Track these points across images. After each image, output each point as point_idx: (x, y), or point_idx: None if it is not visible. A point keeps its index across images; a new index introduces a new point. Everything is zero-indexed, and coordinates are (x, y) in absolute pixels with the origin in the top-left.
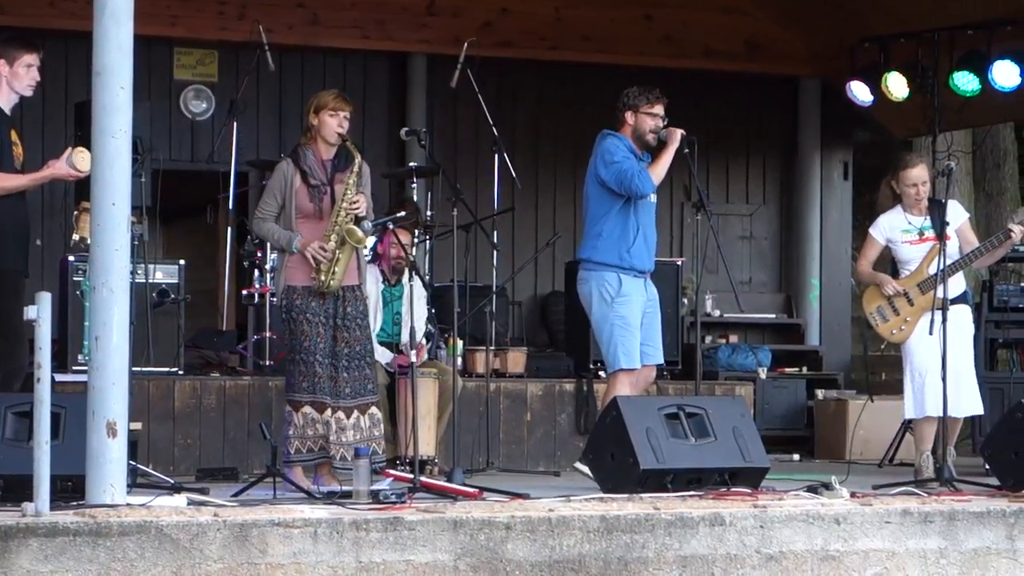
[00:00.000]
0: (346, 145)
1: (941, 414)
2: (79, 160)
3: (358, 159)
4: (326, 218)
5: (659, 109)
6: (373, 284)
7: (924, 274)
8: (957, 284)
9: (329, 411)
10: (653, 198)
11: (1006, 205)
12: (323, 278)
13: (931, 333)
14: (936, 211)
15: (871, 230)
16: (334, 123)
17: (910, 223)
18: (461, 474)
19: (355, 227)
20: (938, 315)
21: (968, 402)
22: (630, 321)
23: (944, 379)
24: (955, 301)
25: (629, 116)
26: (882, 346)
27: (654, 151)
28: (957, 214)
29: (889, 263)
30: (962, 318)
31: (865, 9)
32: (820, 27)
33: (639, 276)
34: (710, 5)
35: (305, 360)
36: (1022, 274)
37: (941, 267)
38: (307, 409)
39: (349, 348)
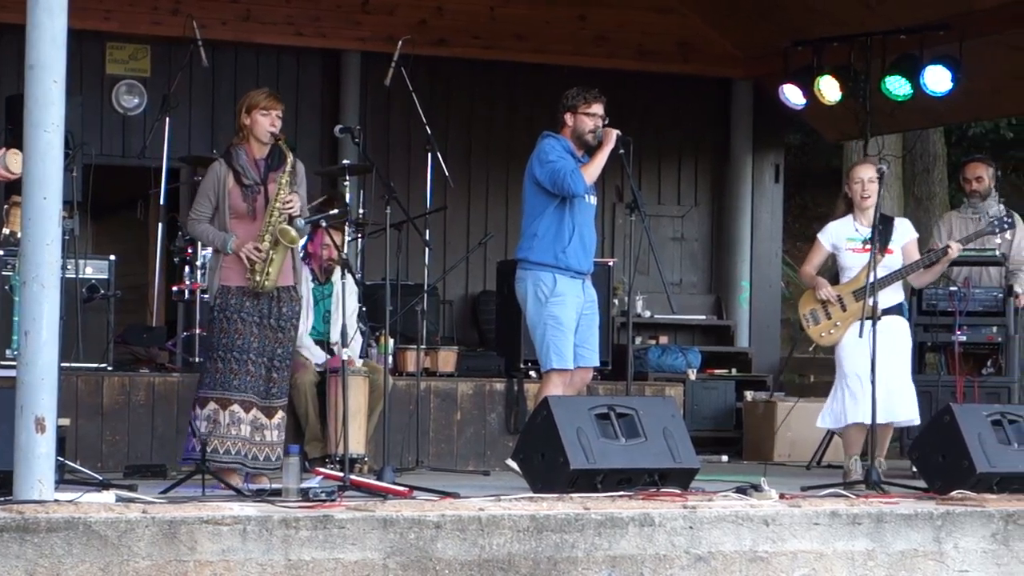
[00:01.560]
0: (279, 144)
1: (870, 421)
2: (12, 162)
3: (291, 158)
4: (260, 218)
5: (597, 108)
6: (304, 283)
7: (860, 282)
8: (894, 295)
9: (256, 410)
10: (592, 200)
11: (935, 210)
12: (257, 278)
13: (860, 336)
14: (880, 222)
15: (819, 235)
16: (266, 122)
17: (857, 231)
18: (391, 473)
19: (288, 227)
20: (868, 322)
21: (904, 409)
22: (563, 321)
23: (873, 386)
24: (890, 311)
25: (568, 117)
26: (810, 348)
27: (592, 151)
28: (906, 231)
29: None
30: (897, 327)
31: (798, 11)
32: (753, 29)
33: (576, 277)
34: (644, 6)
35: (238, 358)
36: (950, 278)
37: (872, 278)
38: (235, 407)
39: (282, 349)
